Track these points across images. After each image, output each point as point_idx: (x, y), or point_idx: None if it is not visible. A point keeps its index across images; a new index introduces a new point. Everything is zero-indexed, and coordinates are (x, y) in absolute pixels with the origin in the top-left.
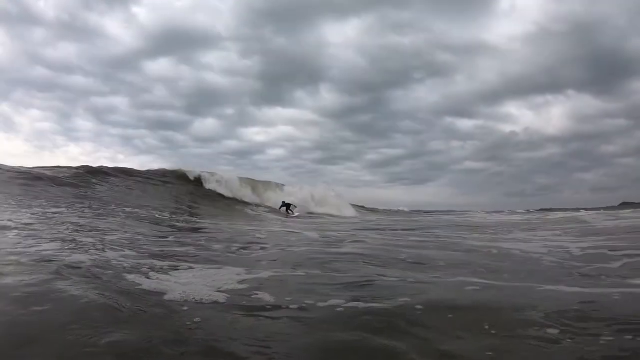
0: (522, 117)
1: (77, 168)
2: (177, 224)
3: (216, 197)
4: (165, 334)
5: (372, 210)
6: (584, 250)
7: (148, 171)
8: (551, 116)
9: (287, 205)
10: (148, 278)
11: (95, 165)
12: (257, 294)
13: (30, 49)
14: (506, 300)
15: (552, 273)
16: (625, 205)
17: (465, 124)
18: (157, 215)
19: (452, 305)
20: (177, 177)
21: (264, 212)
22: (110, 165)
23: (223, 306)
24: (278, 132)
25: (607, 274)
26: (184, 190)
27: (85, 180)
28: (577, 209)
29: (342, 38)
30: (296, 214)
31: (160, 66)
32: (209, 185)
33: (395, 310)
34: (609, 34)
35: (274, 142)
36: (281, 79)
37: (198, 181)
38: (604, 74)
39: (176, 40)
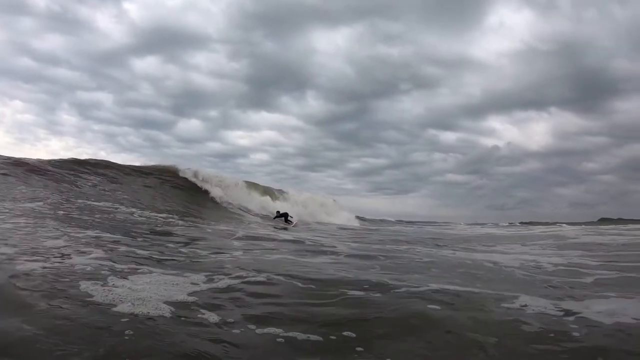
0: (504, 131)
1: (66, 160)
2: (155, 224)
3: (205, 198)
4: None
5: (360, 219)
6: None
7: (139, 167)
8: (533, 132)
9: (284, 215)
10: (103, 285)
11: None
12: (203, 312)
13: (17, 38)
14: None
15: None
16: (603, 220)
17: (448, 136)
18: (134, 216)
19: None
20: (168, 174)
21: (253, 216)
22: None
23: (166, 320)
24: (262, 137)
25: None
26: (171, 190)
27: (72, 171)
28: (558, 223)
29: (331, 46)
30: (294, 223)
31: (148, 64)
32: (203, 185)
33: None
34: (594, 54)
35: (257, 147)
36: (268, 83)
37: (188, 181)
38: (587, 92)
39: (165, 39)
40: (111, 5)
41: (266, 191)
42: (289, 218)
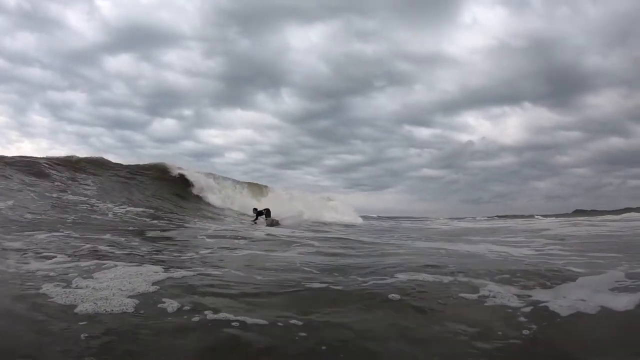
0: (479, 126)
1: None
2: (130, 220)
3: (184, 194)
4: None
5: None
6: None
7: (128, 165)
8: (507, 126)
9: (265, 212)
10: (66, 287)
11: None
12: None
13: None
14: None
15: None
16: (577, 212)
17: (423, 132)
18: (111, 212)
19: None
20: (155, 171)
21: (236, 214)
22: None
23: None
24: (237, 135)
25: None
26: (155, 187)
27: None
28: (534, 216)
29: (305, 43)
30: (282, 218)
31: (121, 62)
32: (193, 182)
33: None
34: (566, 51)
35: (233, 145)
36: (243, 81)
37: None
38: (560, 88)
39: (138, 37)
40: (82, 2)
41: (254, 189)
42: (271, 216)
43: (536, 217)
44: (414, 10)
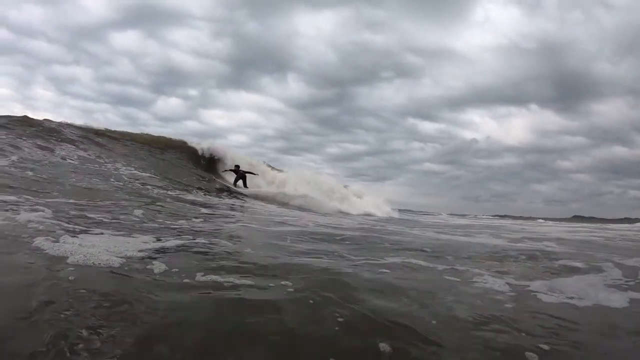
0: (483, 125)
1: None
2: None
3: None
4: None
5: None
6: None
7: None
8: (512, 127)
9: (239, 174)
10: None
11: None
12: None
13: None
14: None
15: None
16: (576, 218)
17: (427, 126)
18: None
19: None
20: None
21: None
22: None
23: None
24: (241, 118)
25: None
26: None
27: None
28: (535, 218)
29: (314, 30)
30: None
31: (127, 39)
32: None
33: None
34: (576, 56)
35: (236, 128)
36: (249, 64)
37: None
38: (567, 93)
39: (146, 14)
40: None
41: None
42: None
43: (539, 220)
44: (425, 4)
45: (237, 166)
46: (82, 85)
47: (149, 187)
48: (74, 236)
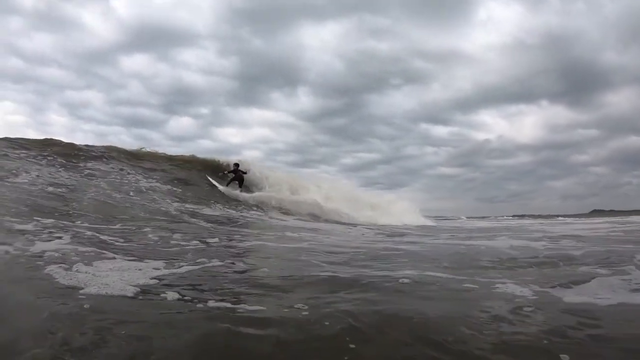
0: (495, 125)
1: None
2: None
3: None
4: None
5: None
6: None
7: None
8: (524, 125)
9: (237, 175)
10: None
11: None
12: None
13: (5, 38)
14: None
15: None
16: (595, 212)
17: (440, 130)
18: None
19: None
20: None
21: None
22: None
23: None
24: (253, 134)
25: None
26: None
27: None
28: (552, 216)
29: (319, 41)
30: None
31: (137, 62)
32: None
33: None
34: (582, 47)
35: (249, 144)
36: (258, 80)
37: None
38: (577, 85)
39: (154, 36)
40: (97, 2)
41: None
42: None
43: (558, 218)
44: (427, 8)
45: (237, 165)
46: (94, 109)
47: (167, 200)
48: (88, 264)
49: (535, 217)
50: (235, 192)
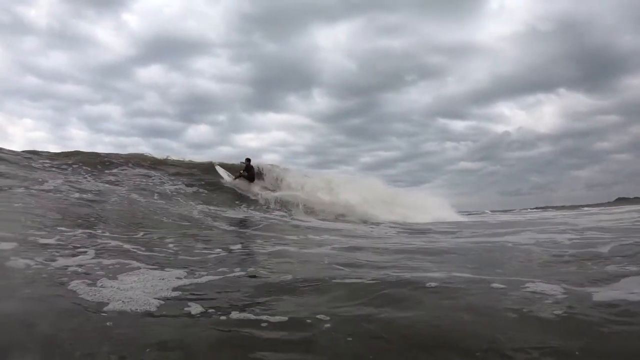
0: (514, 116)
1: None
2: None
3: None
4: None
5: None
6: None
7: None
8: (543, 115)
9: (248, 168)
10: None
11: None
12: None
13: (21, 58)
14: None
15: None
16: (620, 200)
17: (458, 124)
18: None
19: None
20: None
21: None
22: None
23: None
24: (271, 138)
25: None
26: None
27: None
28: (578, 206)
29: (332, 42)
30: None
31: (152, 73)
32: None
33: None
34: (598, 32)
35: (267, 148)
36: (272, 84)
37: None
38: (594, 71)
39: (167, 47)
40: (110, 18)
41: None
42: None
43: (584, 208)
44: (438, 2)
45: (248, 160)
46: (113, 121)
47: (192, 203)
48: (113, 278)
49: (559, 209)
50: (235, 181)
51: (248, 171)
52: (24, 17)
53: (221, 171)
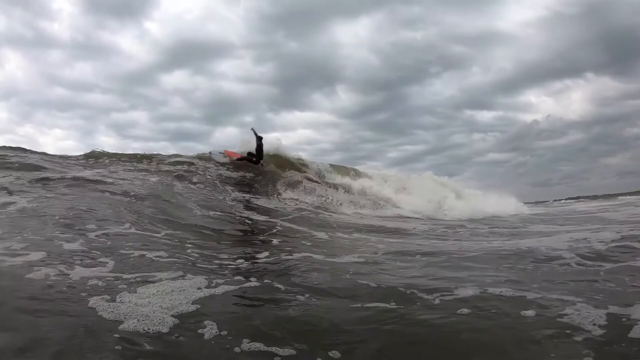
0: (541, 104)
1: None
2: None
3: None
4: None
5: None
6: None
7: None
8: (571, 101)
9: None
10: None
11: None
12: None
13: (47, 70)
14: None
15: None
16: None
17: (485, 115)
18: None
19: None
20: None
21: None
22: None
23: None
24: (298, 136)
25: None
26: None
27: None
28: (612, 195)
29: (353, 38)
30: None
31: (176, 78)
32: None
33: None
34: (622, 12)
35: (295, 146)
36: (296, 83)
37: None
38: (621, 54)
39: (190, 52)
40: (131, 26)
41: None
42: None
43: (619, 198)
44: None
45: (260, 138)
46: (141, 127)
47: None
48: (132, 292)
49: (592, 199)
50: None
51: (258, 152)
52: (47, 31)
53: (216, 157)
